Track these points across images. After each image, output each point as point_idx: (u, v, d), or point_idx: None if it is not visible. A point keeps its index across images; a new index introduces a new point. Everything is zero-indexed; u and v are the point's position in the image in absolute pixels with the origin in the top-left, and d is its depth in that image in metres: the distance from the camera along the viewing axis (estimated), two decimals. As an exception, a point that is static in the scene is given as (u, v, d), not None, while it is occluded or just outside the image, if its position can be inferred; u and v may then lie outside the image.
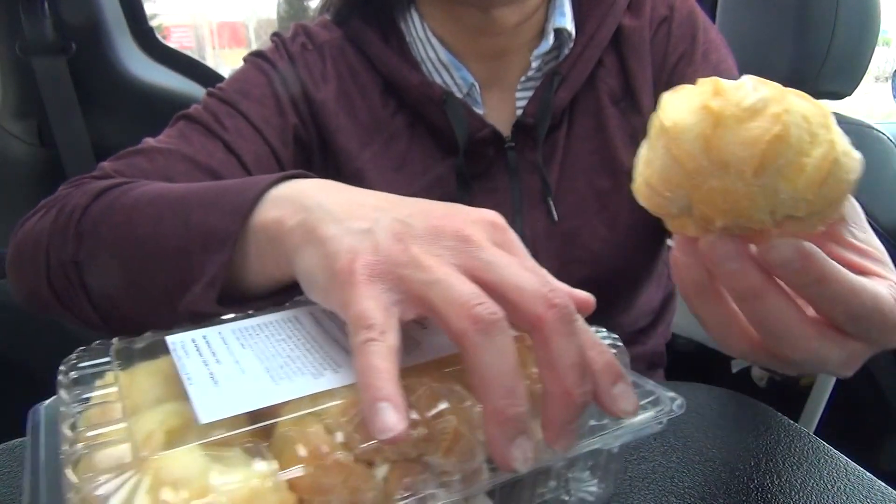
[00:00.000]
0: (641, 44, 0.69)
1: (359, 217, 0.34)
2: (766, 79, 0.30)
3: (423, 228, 0.32)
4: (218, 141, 0.63)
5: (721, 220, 0.29)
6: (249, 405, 0.29)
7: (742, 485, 0.39)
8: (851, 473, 0.39)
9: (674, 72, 0.69)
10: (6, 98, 1.38)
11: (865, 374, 1.36)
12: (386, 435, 0.26)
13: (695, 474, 0.40)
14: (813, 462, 0.40)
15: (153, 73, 1.42)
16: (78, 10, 1.33)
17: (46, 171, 1.35)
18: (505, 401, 0.27)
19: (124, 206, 0.49)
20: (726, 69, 0.70)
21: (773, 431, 0.44)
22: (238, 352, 0.34)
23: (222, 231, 0.41)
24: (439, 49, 0.68)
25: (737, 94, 0.28)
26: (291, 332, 0.36)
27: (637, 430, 0.32)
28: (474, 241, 0.31)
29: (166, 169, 0.59)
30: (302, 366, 0.32)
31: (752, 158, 0.27)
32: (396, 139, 0.69)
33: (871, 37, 1.26)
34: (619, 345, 0.36)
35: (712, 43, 0.70)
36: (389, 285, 0.30)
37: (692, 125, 0.28)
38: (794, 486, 0.38)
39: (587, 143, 0.68)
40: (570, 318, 0.29)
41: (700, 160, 0.28)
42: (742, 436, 0.44)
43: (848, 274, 0.31)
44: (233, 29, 4.19)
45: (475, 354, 0.28)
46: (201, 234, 0.42)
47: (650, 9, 0.70)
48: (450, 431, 0.29)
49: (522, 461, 0.28)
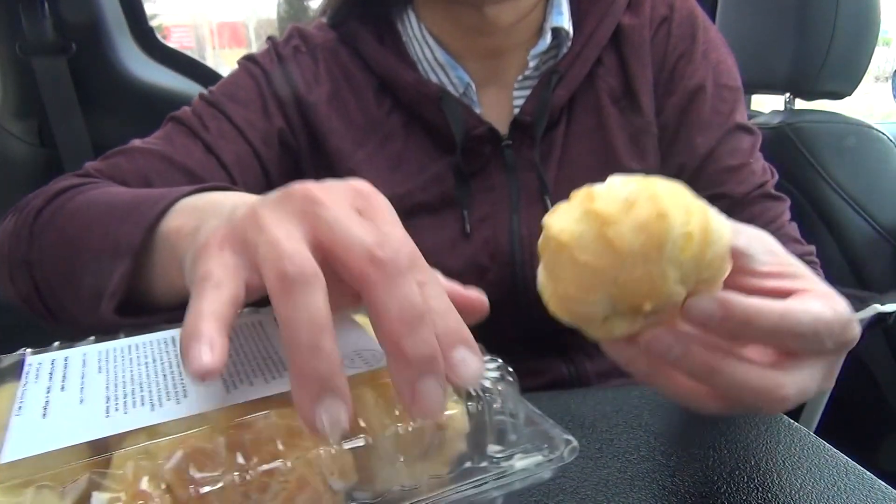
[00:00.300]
0: (641, 43, 0.69)
1: (237, 205, 0.33)
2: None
3: (279, 195, 0.31)
4: (199, 142, 0.64)
5: (649, 303, 0.31)
6: (64, 441, 0.26)
7: (742, 484, 0.39)
8: (852, 473, 0.39)
9: (674, 71, 0.69)
10: (6, 98, 1.38)
11: (865, 374, 1.36)
12: (192, 368, 0.25)
13: (695, 474, 0.40)
14: (813, 461, 0.40)
15: (153, 73, 1.42)
16: (78, 10, 1.33)
17: (46, 171, 1.36)
18: (307, 357, 0.25)
19: (69, 210, 0.51)
20: (725, 69, 0.70)
21: (774, 431, 0.44)
22: (91, 377, 0.31)
23: (126, 242, 0.42)
24: (435, 49, 0.68)
25: (610, 193, 0.31)
26: (159, 354, 0.33)
27: (522, 477, 0.28)
28: (321, 203, 0.29)
29: (145, 169, 0.61)
30: (148, 394, 0.29)
31: (650, 239, 0.29)
32: (392, 139, 0.69)
33: (871, 37, 1.26)
34: (510, 373, 0.32)
35: (712, 42, 0.71)
36: (236, 250, 0.29)
37: (586, 231, 0.30)
38: (794, 486, 0.38)
39: (587, 141, 0.68)
40: (397, 271, 0.27)
41: (607, 258, 0.30)
42: (742, 435, 0.44)
43: (771, 303, 0.33)
44: (233, 29, 4.20)
45: (276, 310, 0.26)
46: (113, 243, 0.43)
47: (650, 8, 0.70)
48: (291, 479, 0.25)
49: (330, 425, 0.25)
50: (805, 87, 1.27)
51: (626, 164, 0.68)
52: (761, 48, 1.32)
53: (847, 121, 1.30)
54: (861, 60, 1.26)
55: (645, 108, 0.68)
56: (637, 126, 0.68)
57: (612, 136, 0.68)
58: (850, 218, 1.29)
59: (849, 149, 1.28)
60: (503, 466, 0.28)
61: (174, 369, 0.31)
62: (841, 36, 1.21)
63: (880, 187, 1.30)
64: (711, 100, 0.69)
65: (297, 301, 0.26)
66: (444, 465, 0.28)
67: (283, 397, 0.28)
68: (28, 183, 0.65)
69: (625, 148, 0.68)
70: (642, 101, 0.68)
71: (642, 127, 0.68)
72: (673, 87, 0.69)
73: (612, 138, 0.68)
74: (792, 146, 1.28)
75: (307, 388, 0.25)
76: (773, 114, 1.34)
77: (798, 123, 1.28)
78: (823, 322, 0.33)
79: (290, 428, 0.27)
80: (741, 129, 0.69)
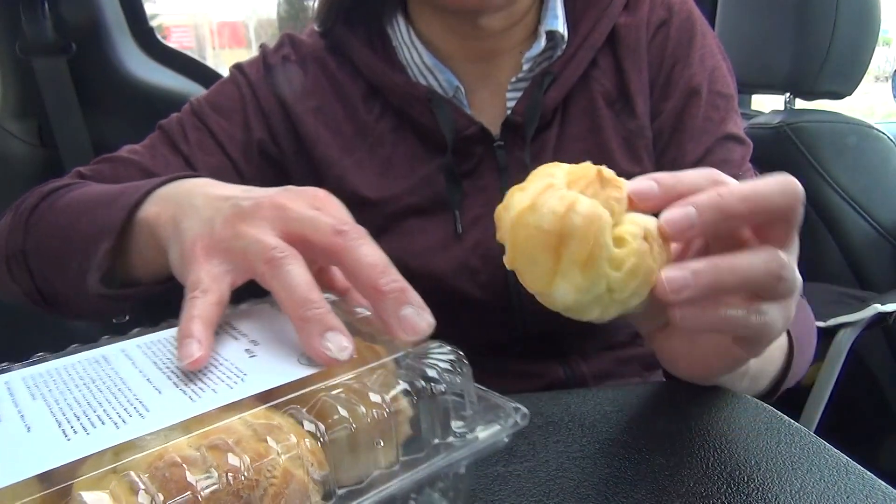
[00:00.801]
0: (637, 45, 0.68)
1: (211, 208, 0.40)
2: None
3: (250, 206, 0.38)
4: (179, 155, 0.68)
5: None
6: (31, 470, 0.25)
7: (742, 484, 0.39)
8: (852, 472, 0.39)
9: (671, 74, 0.68)
10: (6, 98, 1.38)
11: (865, 374, 1.36)
12: (185, 362, 0.32)
13: (695, 473, 0.40)
14: (813, 461, 0.40)
15: (153, 73, 1.42)
16: (78, 10, 1.33)
17: (46, 171, 1.35)
18: (304, 307, 0.33)
19: (60, 205, 0.59)
20: (720, 76, 0.70)
21: (774, 430, 0.44)
22: (27, 405, 0.30)
23: (109, 224, 0.49)
24: (423, 53, 0.68)
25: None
26: (96, 374, 0.33)
27: (482, 446, 0.32)
28: (286, 206, 0.37)
29: (124, 178, 0.65)
30: (104, 413, 0.29)
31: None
32: (381, 143, 0.69)
33: (871, 37, 1.26)
34: (463, 362, 0.34)
35: (709, 48, 0.70)
36: (220, 259, 0.37)
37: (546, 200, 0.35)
38: (794, 485, 0.38)
39: (581, 143, 0.67)
40: (358, 235, 0.36)
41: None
42: (742, 435, 0.44)
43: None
44: (233, 29, 4.20)
45: (271, 287, 0.34)
46: (98, 227, 0.50)
47: (648, 8, 0.69)
48: (277, 475, 0.26)
49: (338, 350, 0.32)
50: (805, 86, 1.27)
51: (622, 166, 0.66)
52: (761, 48, 1.32)
53: (847, 120, 1.30)
54: (861, 60, 1.26)
55: (639, 112, 0.68)
56: (631, 129, 0.68)
57: (607, 138, 0.67)
58: (850, 218, 1.29)
59: (849, 148, 1.28)
60: (468, 438, 0.32)
61: (123, 386, 0.31)
62: (841, 36, 1.21)
63: (881, 187, 1.30)
64: (705, 106, 0.68)
65: (286, 272, 0.34)
66: (395, 451, 0.30)
67: (247, 401, 0.29)
68: (28, 183, 0.66)
69: (620, 150, 0.67)
70: (637, 105, 0.67)
71: (636, 131, 0.68)
72: (669, 91, 0.68)
73: (606, 140, 0.67)
74: (792, 146, 1.28)
75: (310, 331, 0.32)
76: (774, 113, 1.34)
77: (798, 123, 1.28)
78: (763, 181, 0.37)
79: (267, 426, 0.28)
80: (732, 138, 0.68)
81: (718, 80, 0.69)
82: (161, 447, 0.26)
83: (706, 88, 0.68)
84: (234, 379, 0.31)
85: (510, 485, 0.40)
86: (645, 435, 0.44)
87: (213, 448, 0.26)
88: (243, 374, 0.31)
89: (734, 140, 0.68)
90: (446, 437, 0.32)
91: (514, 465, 0.41)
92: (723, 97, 0.69)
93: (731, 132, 0.68)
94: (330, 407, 0.29)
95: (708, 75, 0.69)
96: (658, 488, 0.39)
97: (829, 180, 1.27)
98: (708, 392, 0.49)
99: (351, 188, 0.67)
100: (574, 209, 0.34)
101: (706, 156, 0.67)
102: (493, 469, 0.41)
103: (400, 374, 0.33)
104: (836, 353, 1.18)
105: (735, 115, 0.70)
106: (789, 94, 1.36)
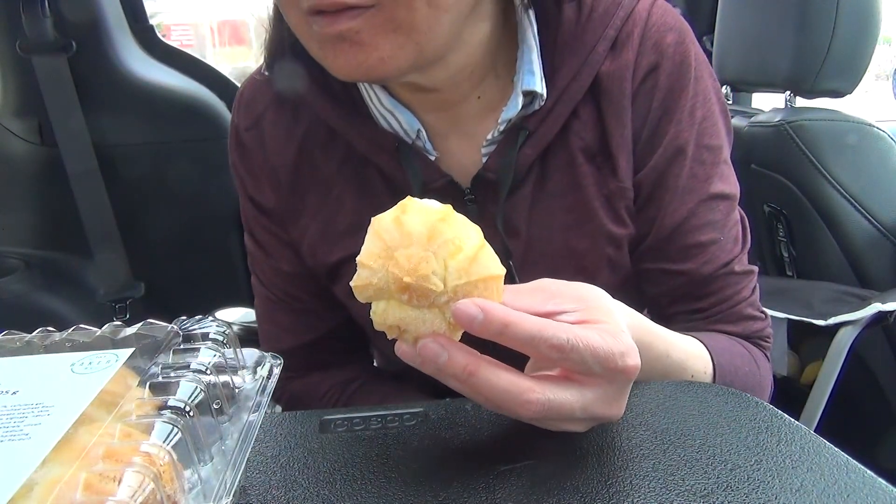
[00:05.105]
0: (621, 97, 0.61)
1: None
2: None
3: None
4: (288, 302, 0.73)
5: (409, 278, 0.37)
6: None
7: (742, 482, 0.39)
8: (852, 471, 0.39)
9: (656, 129, 0.63)
10: (7, 96, 1.38)
11: (866, 373, 1.36)
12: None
13: (695, 472, 0.40)
14: (814, 460, 0.40)
15: (154, 71, 1.42)
16: (78, 8, 1.33)
17: (47, 170, 1.35)
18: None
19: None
20: (710, 126, 0.64)
21: (774, 429, 0.44)
22: None
23: None
24: (381, 94, 0.62)
25: (425, 202, 0.40)
26: None
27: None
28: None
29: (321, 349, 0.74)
30: None
31: (428, 231, 0.38)
32: (342, 200, 0.66)
33: (872, 35, 1.26)
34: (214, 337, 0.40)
35: (702, 94, 0.63)
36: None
37: (389, 215, 0.39)
38: (794, 484, 0.38)
39: (561, 200, 0.63)
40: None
41: (393, 234, 0.38)
42: (742, 433, 0.44)
43: (531, 317, 0.39)
44: (233, 27, 4.19)
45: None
46: None
47: (636, 53, 0.62)
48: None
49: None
50: (805, 85, 1.27)
51: (605, 225, 0.63)
52: (762, 46, 1.32)
53: (848, 119, 1.30)
54: (861, 59, 1.26)
55: (621, 173, 0.62)
56: (612, 189, 0.63)
57: (588, 194, 0.62)
58: (850, 216, 1.29)
59: (850, 147, 1.28)
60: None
61: None
62: (841, 34, 1.21)
63: (881, 185, 1.30)
64: (690, 163, 0.63)
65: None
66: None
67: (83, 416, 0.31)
68: (28, 181, 0.65)
69: (603, 210, 0.63)
70: (619, 164, 0.62)
71: (617, 192, 0.63)
72: (654, 146, 0.63)
73: (588, 199, 0.63)
74: (792, 144, 1.28)
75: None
76: (774, 112, 1.34)
77: (798, 121, 1.28)
78: (586, 343, 0.39)
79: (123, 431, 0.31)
80: (717, 197, 0.64)
81: (707, 131, 0.64)
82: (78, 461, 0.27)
83: (693, 144, 0.63)
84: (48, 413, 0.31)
85: (510, 484, 0.40)
86: (645, 435, 0.44)
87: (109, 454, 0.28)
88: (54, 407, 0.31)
89: (719, 198, 0.64)
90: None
91: (513, 464, 0.41)
92: (710, 150, 0.64)
93: (716, 191, 0.64)
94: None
95: (697, 128, 0.63)
96: (658, 488, 0.39)
97: (829, 179, 1.27)
98: (708, 391, 0.49)
99: (322, 259, 0.67)
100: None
101: (689, 218, 0.63)
102: (492, 468, 0.41)
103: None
104: (837, 351, 1.18)
105: (722, 167, 0.65)
106: (790, 93, 1.36)
